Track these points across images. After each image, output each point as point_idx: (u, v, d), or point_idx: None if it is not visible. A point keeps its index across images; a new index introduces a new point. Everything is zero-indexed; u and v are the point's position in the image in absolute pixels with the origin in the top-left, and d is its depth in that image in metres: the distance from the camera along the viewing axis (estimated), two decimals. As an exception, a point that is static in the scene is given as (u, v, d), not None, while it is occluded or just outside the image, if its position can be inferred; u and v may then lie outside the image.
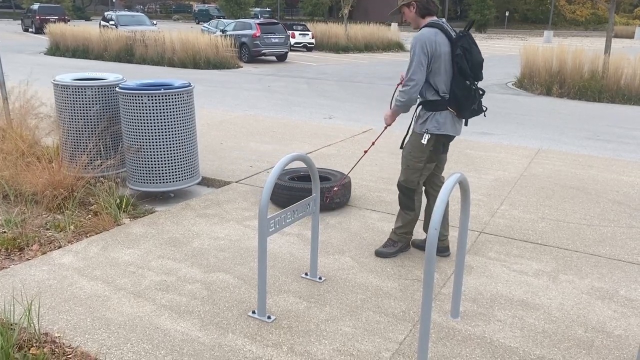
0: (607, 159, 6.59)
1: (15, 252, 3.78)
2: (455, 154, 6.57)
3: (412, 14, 3.41)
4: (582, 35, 44.43)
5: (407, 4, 3.41)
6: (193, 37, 17.93)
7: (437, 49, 3.28)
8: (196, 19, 53.01)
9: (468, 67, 3.28)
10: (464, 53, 3.27)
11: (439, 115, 3.39)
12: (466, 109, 3.39)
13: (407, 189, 3.61)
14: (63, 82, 4.91)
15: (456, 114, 3.41)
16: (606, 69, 12.11)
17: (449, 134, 3.44)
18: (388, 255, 3.75)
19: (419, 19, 3.41)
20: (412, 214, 3.67)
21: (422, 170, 3.57)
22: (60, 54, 20.95)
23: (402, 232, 3.75)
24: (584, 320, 3.03)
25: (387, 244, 3.79)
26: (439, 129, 3.40)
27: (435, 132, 3.41)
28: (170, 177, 4.74)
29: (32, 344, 2.68)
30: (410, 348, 2.76)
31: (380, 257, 3.75)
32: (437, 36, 3.30)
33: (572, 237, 4.16)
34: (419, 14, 3.40)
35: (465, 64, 3.27)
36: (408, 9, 3.42)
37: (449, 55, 3.31)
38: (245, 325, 2.92)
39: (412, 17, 3.42)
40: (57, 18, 32.82)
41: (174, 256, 3.74)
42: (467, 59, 3.28)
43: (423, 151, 3.48)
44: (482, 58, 3.37)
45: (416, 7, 3.38)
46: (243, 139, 7.16)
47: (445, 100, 3.37)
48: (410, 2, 3.38)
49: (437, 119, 3.40)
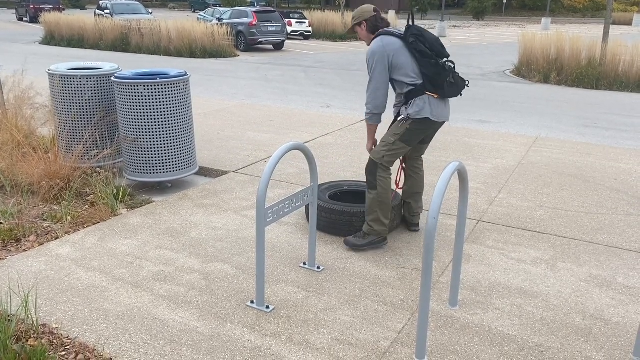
0: (605, 146, 6.58)
1: (12, 243, 3.76)
2: (453, 142, 6.56)
3: (364, 32, 3.65)
4: (580, 22, 44.26)
5: (358, 24, 3.65)
6: (189, 25, 17.80)
7: (389, 50, 3.46)
8: (192, 7, 52.64)
9: (426, 47, 3.43)
10: (417, 38, 3.45)
11: (418, 99, 3.48)
12: (441, 85, 3.44)
13: (372, 161, 3.58)
14: (58, 71, 4.87)
15: (437, 96, 3.46)
16: (604, 57, 12.07)
17: (428, 117, 3.47)
18: (354, 246, 3.66)
19: (370, 35, 3.63)
20: (373, 192, 3.56)
21: (391, 145, 3.54)
22: (55, 44, 20.80)
23: (370, 220, 3.61)
24: (582, 308, 3.03)
25: (357, 235, 3.70)
26: (418, 112, 3.47)
27: (416, 117, 3.47)
28: (167, 167, 4.72)
29: (30, 335, 2.68)
30: (409, 337, 2.76)
31: (347, 245, 3.68)
32: (384, 40, 3.50)
33: (570, 225, 4.16)
34: (369, 32, 3.63)
35: (422, 46, 3.43)
36: (360, 28, 3.66)
37: (404, 48, 3.47)
38: (243, 315, 2.92)
39: (365, 34, 3.65)
40: (51, 7, 32.56)
41: (172, 246, 3.73)
42: (422, 42, 3.44)
43: (399, 129, 3.55)
44: (437, 36, 3.56)
45: (366, 25, 3.62)
46: (240, 128, 7.13)
47: (420, 85, 3.46)
48: (360, 22, 3.63)
49: (417, 104, 3.48)
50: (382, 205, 3.57)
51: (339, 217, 3.81)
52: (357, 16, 3.64)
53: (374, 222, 3.61)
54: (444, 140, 6.62)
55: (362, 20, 3.61)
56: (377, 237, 3.65)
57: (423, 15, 49.31)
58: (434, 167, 5.55)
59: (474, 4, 46.90)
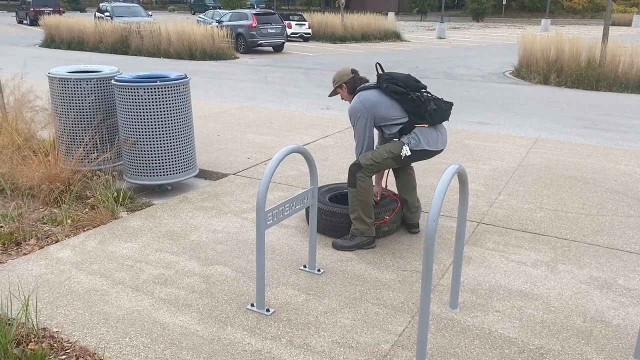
0: (605, 147, 6.58)
1: (12, 247, 3.76)
2: (453, 144, 6.56)
3: (345, 93, 3.87)
4: (580, 23, 44.28)
5: (339, 87, 3.87)
6: (189, 28, 17.81)
7: (368, 104, 3.63)
8: (192, 9, 52.67)
9: (400, 87, 3.62)
10: (389, 82, 3.65)
11: (412, 134, 3.65)
12: (424, 115, 3.62)
13: (357, 163, 3.66)
14: (58, 74, 4.87)
15: (426, 125, 3.64)
16: (603, 58, 12.07)
17: (425, 149, 3.64)
18: (342, 248, 3.72)
19: (351, 95, 3.84)
20: (354, 191, 3.65)
21: (383, 160, 3.66)
22: (55, 46, 20.82)
23: (353, 218, 3.70)
24: (582, 310, 3.03)
25: (345, 237, 3.79)
26: (417, 145, 3.62)
27: (414, 148, 3.62)
28: (167, 170, 4.72)
29: (31, 339, 2.68)
30: (410, 339, 2.76)
31: (336, 249, 3.74)
32: (362, 96, 3.68)
33: (571, 227, 4.16)
34: (349, 92, 3.85)
35: (396, 87, 3.62)
36: (341, 90, 3.88)
37: (382, 96, 3.65)
38: (244, 318, 2.92)
39: (346, 95, 3.88)
40: (51, 10, 32.59)
41: (172, 249, 3.73)
42: (395, 83, 3.64)
43: (394, 147, 3.64)
44: (406, 74, 3.76)
45: (346, 87, 3.85)
46: (240, 130, 7.13)
47: (407, 122, 3.64)
48: (341, 85, 3.86)
49: (413, 137, 3.63)
50: (363, 204, 3.67)
51: (339, 220, 3.82)
52: (337, 80, 3.86)
53: (356, 220, 3.70)
54: (444, 142, 6.62)
55: (341, 83, 3.84)
56: (364, 238, 3.72)
57: (422, 17, 49.35)
58: (433, 169, 5.55)
59: (473, 5, 46.93)
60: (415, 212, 4.02)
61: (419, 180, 5.17)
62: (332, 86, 3.94)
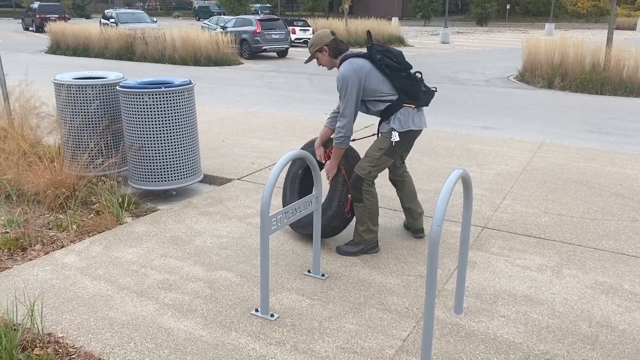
0: (610, 152, 6.56)
1: (18, 252, 3.78)
2: (457, 148, 6.56)
3: (325, 57, 3.61)
4: (584, 27, 44.24)
5: (319, 50, 3.60)
6: (193, 34, 17.89)
7: (361, 73, 3.45)
8: (196, 15, 52.93)
9: (394, 61, 3.48)
10: (384, 54, 3.49)
11: (399, 114, 3.52)
12: (417, 95, 3.53)
13: (357, 177, 3.56)
14: (64, 81, 4.90)
15: (413, 106, 3.54)
16: (608, 62, 12.05)
17: (411, 129, 3.55)
18: (346, 254, 3.70)
19: (333, 60, 3.62)
20: (361, 205, 3.59)
21: (377, 160, 3.56)
22: (61, 53, 20.94)
23: (361, 231, 3.66)
24: (588, 315, 3.02)
25: (349, 243, 3.76)
26: (402, 126, 3.52)
27: (400, 130, 3.52)
28: (172, 175, 4.73)
29: (36, 345, 2.69)
30: (414, 345, 2.75)
31: (338, 253, 3.73)
32: (353, 63, 3.47)
33: (576, 232, 4.14)
34: (332, 56, 3.61)
35: (390, 61, 3.47)
36: (321, 54, 3.61)
37: (373, 68, 3.49)
38: (248, 324, 2.92)
39: (327, 60, 3.62)
40: (57, 16, 32.80)
41: (177, 255, 3.74)
42: (389, 57, 3.48)
43: (383, 143, 3.56)
44: (400, 50, 3.62)
45: (328, 50, 3.58)
46: (244, 136, 7.15)
47: (396, 100, 3.52)
48: (322, 48, 3.58)
49: (399, 117, 3.52)
50: (371, 215, 3.64)
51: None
52: (317, 42, 3.59)
53: (365, 232, 3.67)
54: (448, 147, 6.62)
55: (322, 45, 3.58)
56: (369, 243, 3.72)
57: (426, 22, 49.41)
58: (437, 173, 5.55)
59: (477, 10, 46.97)
60: (418, 218, 3.99)
61: (422, 185, 5.16)
62: (310, 51, 3.64)
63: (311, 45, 3.62)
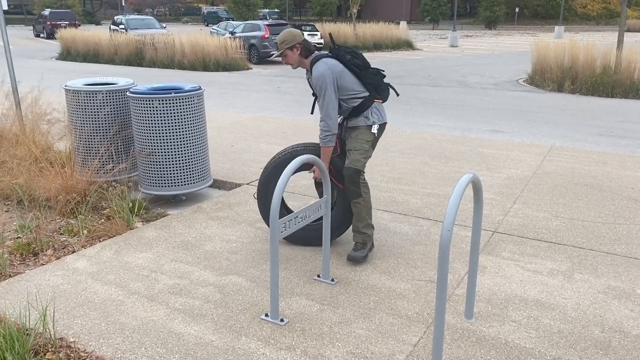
0: (622, 155, 6.51)
1: (30, 257, 3.81)
2: (467, 152, 6.54)
3: (295, 56, 3.58)
4: (594, 30, 43.99)
5: (291, 47, 3.55)
6: (202, 39, 17.99)
7: (335, 71, 3.51)
8: (205, 21, 53.24)
9: (362, 61, 3.60)
10: (353, 55, 3.60)
11: (373, 108, 3.63)
12: (384, 90, 3.69)
13: (355, 170, 3.54)
14: (74, 87, 4.95)
15: (381, 101, 3.68)
16: (619, 64, 11.96)
17: (385, 121, 3.70)
18: (361, 259, 3.65)
19: (303, 60, 3.60)
20: (361, 199, 3.60)
21: (367, 152, 3.61)
22: (71, 59, 21.14)
23: (362, 227, 3.66)
24: (600, 320, 2.99)
25: (357, 248, 3.71)
26: (380, 119, 3.65)
27: (380, 122, 3.64)
28: (181, 180, 4.75)
29: (48, 349, 2.70)
30: (425, 350, 2.74)
31: (354, 262, 3.64)
32: (328, 63, 3.52)
33: (587, 236, 4.11)
34: (303, 56, 3.59)
35: (359, 60, 3.59)
36: (291, 52, 3.57)
37: (344, 68, 3.56)
38: (258, 329, 2.92)
39: (296, 59, 3.59)
40: (67, 23, 33.12)
41: (187, 259, 3.75)
42: (356, 57, 3.60)
43: (367, 135, 3.62)
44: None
45: (301, 49, 3.56)
46: (253, 140, 7.17)
47: (368, 96, 3.62)
48: (294, 45, 3.54)
49: (375, 112, 3.63)
50: (368, 209, 3.68)
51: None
52: (289, 40, 3.54)
53: (366, 227, 3.69)
54: (458, 151, 6.60)
55: (295, 43, 3.54)
56: (371, 241, 3.74)
57: (435, 26, 49.36)
58: (447, 177, 5.53)
59: (486, 13, 46.87)
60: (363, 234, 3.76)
61: (432, 189, 5.15)
62: (280, 47, 3.56)
63: (283, 41, 3.55)
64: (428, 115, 9.45)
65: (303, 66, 3.64)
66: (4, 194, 4.92)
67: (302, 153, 3.72)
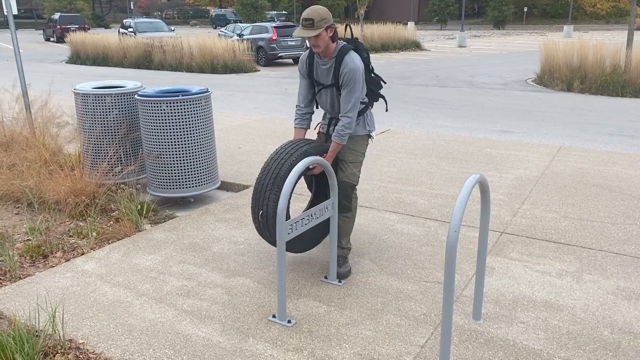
0: (632, 155, 6.45)
1: (39, 260, 3.84)
2: (475, 153, 6.51)
3: (327, 37, 3.20)
4: (603, 29, 43.67)
5: (329, 27, 3.16)
6: (210, 42, 18.06)
7: (363, 66, 3.30)
8: (213, 23, 53.44)
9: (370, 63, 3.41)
10: (368, 54, 3.39)
11: (369, 115, 3.52)
12: (376, 100, 3.55)
13: (350, 186, 3.43)
14: (83, 90, 4.98)
15: (371, 108, 3.57)
16: (629, 63, 11.86)
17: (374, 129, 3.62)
18: (349, 274, 3.50)
19: (331, 44, 3.26)
20: (349, 214, 3.50)
21: (360, 165, 3.52)
22: (80, 62, 21.30)
23: (346, 242, 3.56)
24: (610, 321, 2.97)
25: (343, 264, 3.52)
26: (374, 126, 3.59)
27: (374, 129, 3.57)
28: (189, 183, 4.77)
29: (57, 351, 2.73)
30: (432, 351, 2.73)
31: (343, 278, 3.45)
32: (357, 57, 3.28)
33: (596, 236, 4.08)
34: (332, 40, 3.25)
35: (369, 62, 3.40)
36: (325, 33, 3.17)
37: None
38: (265, 330, 2.92)
39: (326, 41, 3.20)
40: (77, 27, 33.39)
41: (195, 261, 3.77)
42: (369, 58, 3.39)
43: (363, 146, 3.53)
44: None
45: (334, 31, 3.21)
46: (261, 142, 7.18)
47: (367, 103, 3.49)
48: (331, 26, 3.17)
49: (370, 119, 3.55)
50: (353, 224, 3.60)
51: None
52: (328, 17, 3.15)
53: (348, 242, 3.59)
54: (466, 151, 6.58)
55: (331, 23, 3.17)
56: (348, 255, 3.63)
57: (442, 26, 49.23)
58: (455, 178, 5.51)
59: (494, 13, 46.67)
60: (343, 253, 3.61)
61: (440, 190, 5.14)
62: (317, 24, 3.11)
63: (322, 18, 3.12)
64: (436, 115, 9.43)
65: (326, 52, 3.27)
66: (14, 196, 4.96)
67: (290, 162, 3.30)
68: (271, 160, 3.29)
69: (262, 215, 3.21)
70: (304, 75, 3.53)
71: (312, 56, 3.44)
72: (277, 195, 3.16)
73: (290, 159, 3.24)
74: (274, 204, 3.17)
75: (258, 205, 3.25)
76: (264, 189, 3.21)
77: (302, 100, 3.58)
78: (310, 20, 3.11)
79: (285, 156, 3.26)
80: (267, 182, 3.21)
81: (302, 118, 3.61)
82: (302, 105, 3.59)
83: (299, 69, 3.55)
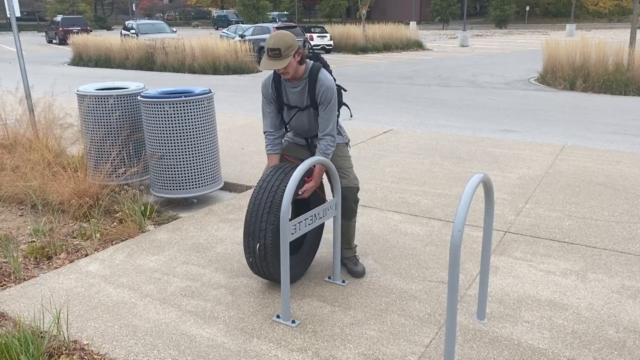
0: (635, 153, 6.44)
1: (43, 261, 3.85)
2: (478, 152, 6.50)
3: (295, 62, 3.12)
4: (606, 27, 43.57)
5: (295, 53, 3.08)
6: (212, 43, 18.09)
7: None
8: (215, 25, 53.53)
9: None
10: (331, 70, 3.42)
11: (340, 127, 3.57)
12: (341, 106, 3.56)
13: (357, 189, 3.45)
14: (86, 92, 4.99)
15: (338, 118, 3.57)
16: (631, 61, 11.84)
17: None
18: (364, 271, 3.53)
19: (299, 67, 3.19)
20: (354, 218, 3.54)
21: (352, 169, 3.54)
22: (83, 64, 21.36)
23: (354, 241, 3.61)
24: (615, 320, 2.96)
25: (357, 263, 3.56)
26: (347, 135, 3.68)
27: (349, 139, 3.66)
28: (193, 183, 4.78)
29: (62, 352, 2.73)
30: (437, 351, 2.73)
31: (361, 277, 3.49)
32: (329, 75, 3.31)
33: (601, 235, 4.07)
34: (299, 63, 3.18)
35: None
36: (294, 59, 3.10)
37: None
38: (270, 330, 2.92)
39: (293, 66, 3.12)
40: (79, 29, 33.48)
41: (199, 262, 3.77)
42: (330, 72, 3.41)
43: (348, 152, 3.60)
44: None
45: (301, 54, 3.14)
46: (263, 143, 7.17)
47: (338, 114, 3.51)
48: (297, 50, 3.08)
49: (344, 129, 3.66)
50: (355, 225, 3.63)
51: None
52: (292, 44, 3.05)
53: (354, 240, 3.63)
54: (469, 151, 6.57)
55: (298, 47, 3.08)
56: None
57: (444, 26, 49.19)
58: (458, 178, 5.50)
59: (496, 13, 46.63)
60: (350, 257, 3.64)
61: (443, 190, 5.13)
62: (285, 52, 3.01)
63: (287, 47, 3.02)
64: (438, 115, 9.42)
65: (296, 75, 3.20)
66: (18, 198, 4.97)
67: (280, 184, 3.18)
68: (260, 189, 3.16)
69: (259, 249, 3.09)
70: (270, 101, 3.40)
71: (278, 79, 3.33)
72: (274, 225, 3.04)
73: (281, 185, 3.12)
74: (272, 234, 3.04)
75: (254, 238, 3.10)
76: (259, 219, 3.08)
77: (270, 125, 3.45)
78: (277, 50, 3.01)
79: (276, 183, 3.14)
80: (261, 213, 3.08)
81: (273, 144, 3.46)
82: (272, 130, 3.45)
83: (264, 94, 3.40)
